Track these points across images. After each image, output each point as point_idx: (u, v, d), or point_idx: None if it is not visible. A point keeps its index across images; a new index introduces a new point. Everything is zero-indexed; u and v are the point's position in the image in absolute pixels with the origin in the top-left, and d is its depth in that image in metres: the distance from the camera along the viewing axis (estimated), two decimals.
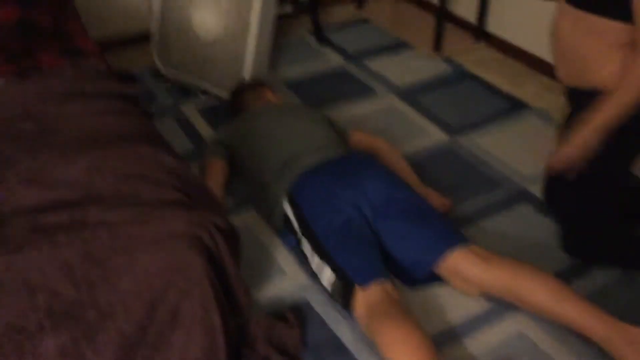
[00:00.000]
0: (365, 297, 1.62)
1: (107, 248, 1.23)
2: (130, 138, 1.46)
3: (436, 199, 2.09)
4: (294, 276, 1.87)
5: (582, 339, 1.64)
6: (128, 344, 1.30)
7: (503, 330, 1.70)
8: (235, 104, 2.43)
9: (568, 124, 1.83)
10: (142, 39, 3.00)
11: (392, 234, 1.81)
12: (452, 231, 1.80)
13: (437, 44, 3.02)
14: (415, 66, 2.94)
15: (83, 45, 1.97)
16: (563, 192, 1.86)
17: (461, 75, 2.86)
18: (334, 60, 3.01)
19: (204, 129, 2.52)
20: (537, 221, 2.07)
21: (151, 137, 1.52)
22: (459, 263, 1.73)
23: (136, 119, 1.59)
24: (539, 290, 1.63)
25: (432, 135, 2.48)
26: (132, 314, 1.28)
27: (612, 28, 1.64)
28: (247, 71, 2.57)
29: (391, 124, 2.54)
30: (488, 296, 1.76)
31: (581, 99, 1.78)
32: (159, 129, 2.45)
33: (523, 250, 1.95)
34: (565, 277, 1.86)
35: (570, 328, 1.60)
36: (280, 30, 3.23)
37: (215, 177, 2.13)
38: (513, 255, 1.89)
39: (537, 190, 2.17)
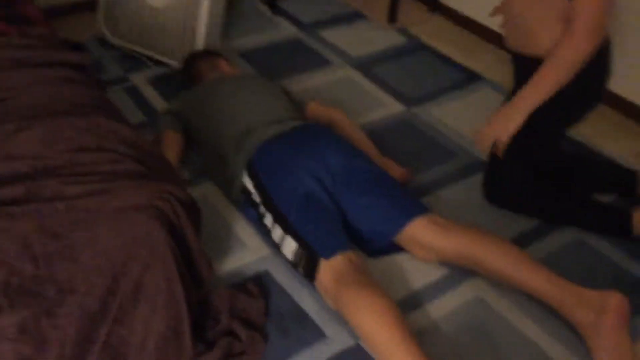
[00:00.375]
0: (330, 268, 1.62)
1: (66, 222, 1.19)
2: (84, 108, 1.41)
3: (395, 169, 2.10)
4: (255, 248, 1.86)
5: (538, 302, 1.69)
6: (90, 318, 1.27)
7: (462, 296, 1.74)
8: (188, 75, 2.37)
9: (513, 93, 1.87)
10: (88, 6, 2.88)
11: (353, 204, 1.81)
12: (412, 201, 1.81)
13: (392, 14, 3.01)
14: (370, 37, 2.93)
15: (29, 13, 1.87)
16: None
17: (416, 47, 2.87)
18: (288, 30, 2.97)
19: (156, 100, 2.45)
20: None
21: (105, 107, 1.46)
22: (419, 232, 1.75)
23: (89, 88, 1.53)
24: (495, 256, 1.67)
25: (388, 106, 2.49)
26: (94, 289, 1.24)
27: (557, 1, 1.68)
28: (200, 40, 2.50)
29: (347, 95, 2.53)
30: (448, 263, 1.79)
31: (526, 67, 1.82)
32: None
33: (480, 218, 1.99)
34: (521, 242, 1.91)
35: (526, 292, 1.65)
36: None
37: (170, 149, 2.08)
38: (471, 223, 1.94)
39: None
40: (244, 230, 1.91)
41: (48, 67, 1.58)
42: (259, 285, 1.72)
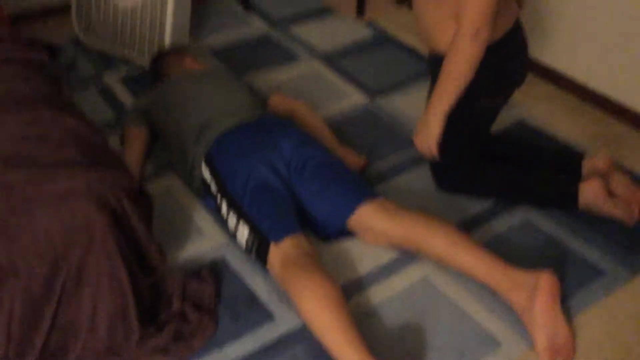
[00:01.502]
0: (278, 251, 1.69)
1: (6, 208, 1.26)
2: (31, 102, 1.48)
3: (352, 158, 2.16)
4: (212, 236, 1.93)
5: (481, 284, 1.75)
6: (34, 300, 1.34)
7: (408, 278, 1.80)
8: (155, 72, 2.44)
9: (429, 91, 1.94)
10: (65, 9, 2.96)
11: (306, 191, 1.88)
12: (362, 187, 1.87)
13: (360, 8, 3.07)
14: (338, 31, 2.99)
15: None
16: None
17: (383, 39, 2.93)
18: (258, 26, 3.03)
19: (126, 98, 2.52)
20: None
21: (53, 101, 1.53)
22: (367, 216, 1.81)
23: (40, 84, 1.60)
24: (437, 239, 1.72)
25: (352, 98, 2.55)
26: (36, 271, 1.31)
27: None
28: (167, 39, 2.58)
29: (312, 89, 2.60)
30: (396, 247, 1.85)
31: (433, 64, 1.90)
32: (80, 99, 2.48)
33: (432, 204, 2.05)
34: (471, 225, 1.97)
35: (465, 274, 1.71)
36: None
37: (135, 144, 2.16)
38: (422, 208, 2.00)
39: None
40: (203, 219, 1.98)
41: (6, 65, 1.66)
42: (213, 271, 1.79)
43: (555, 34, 2.58)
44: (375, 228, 1.81)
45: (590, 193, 1.91)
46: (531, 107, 2.51)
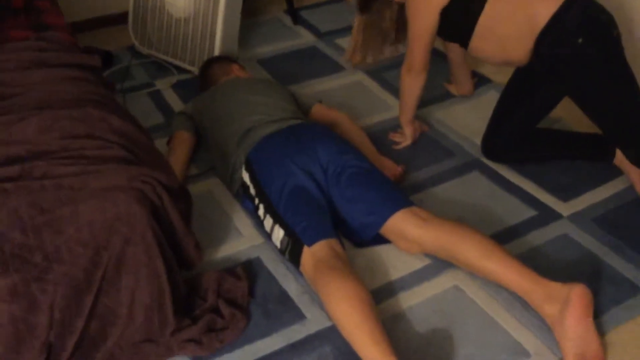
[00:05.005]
0: (311, 254, 1.73)
1: (52, 198, 1.35)
2: (82, 102, 1.58)
3: (389, 167, 2.19)
4: (250, 237, 1.99)
5: (512, 294, 1.74)
6: (76, 287, 1.42)
7: (440, 284, 1.81)
8: (203, 79, 2.54)
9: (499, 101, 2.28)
10: (122, 18, 3.11)
11: (342, 197, 1.92)
12: (397, 195, 1.90)
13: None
14: None
15: (51, 21, 2.08)
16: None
17: None
18: (306, 38, 3.11)
19: (176, 104, 2.63)
20: (484, 188, 2.17)
21: (103, 102, 1.63)
22: (401, 224, 1.83)
23: (92, 86, 1.71)
24: (470, 248, 1.73)
25: (394, 109, 2.58)
26: (78, 259, 1.40)
27: None
28: (217, 48, 2.67)
29: (355, 99, 2.64)
30: (430, 255, 1.87)
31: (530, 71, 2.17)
32: (133, 103, 2.60)
33: (468, 215, 2.05)
34: (505, 237, 1.96)
35: (497, 283, 1.71)
36: (256, 9, 3.33)
37: (180, 147, 2.25)
38: (459, 219, 2.01)
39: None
40: (241, 220, 2.05)
41: (59, 68, 1.77)
42: (247, 269, 1.84)
43: None
44: (409, 236, 1.83)
45: (620, 156, 2.12)
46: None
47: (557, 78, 2.02)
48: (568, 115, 2.49)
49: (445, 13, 2.05)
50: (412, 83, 2.23)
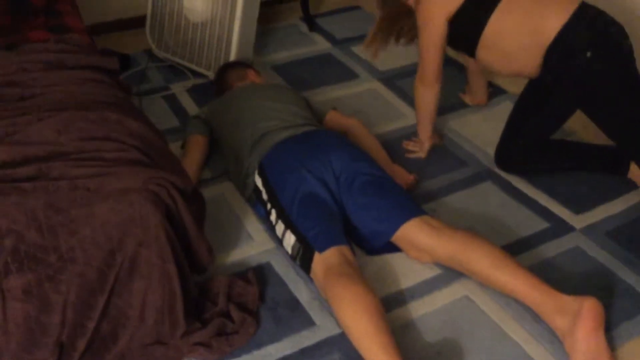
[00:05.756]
0: (322, 261, 1.74)
1: (68, 199, 1.37)
2: (99, 104, 1.60)
3: (402, 175, 2.20)
4: (261, 242, 1.99)
5: (523, 305, 1.73)
6: (89, 287, 1.44)
7: (450, 294, 1.81)
8: (219, 83, 2.55)
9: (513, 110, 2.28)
10: (140, 22, 3.14)
11: (354, 205, 1.92)
12: (409, 204, 1.90)
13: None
14: (398, 52, 3.03)
15: (71, 24, 2.11)
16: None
17: None
18: (321, 45, 3.12)
19: (191, 108, 2.65)
20: (497, 198, 2.17)
21: (120, 105, 1.65)
22: (412, 233, 1.83)
23: (109, 88, 1.72)
24: (481, 259, 1.73)
25: (408, 117, 2.59)
26: (92, 260, 1.41)
27: None
28: (233, 53, 2.69)
29: (370, 106, 2.65)
30: (441, 265, 1.86)
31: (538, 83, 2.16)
32: (148, 106, 2.62)
33: (480, 225, 2.05)
34: (518, 248, 1.96)
35: (508, 294, 1.70)
36: (272, 16, 3.35)
37: (194, 151, 2.26)
38: (471, 229, 2.00)
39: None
40: (253, 225, 2.06)
41: (77, 69, 1.79)
42: (258, 274, 1.85)
43: None
44: (420, 245, 1.83)
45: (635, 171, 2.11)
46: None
47: (568, 91, 2.02)
48: (582, 128, 2.48)
49: (453, 22, 2.07)
50: (426, 94, 2.23)
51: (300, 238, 1.81)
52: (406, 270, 1.88)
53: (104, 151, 1.47)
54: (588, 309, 1.55)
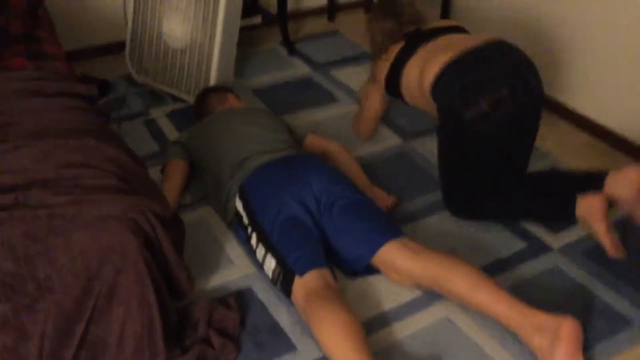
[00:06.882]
0: (303, 284, 1.74)
1: (46, 228, 1.36)
2: (78, 131, 1.60)
3: (382, 197, 2.21)
4: (241, 267, 1.99)
5: (503, 326, 1.74)
6: (67, 316, 1.42)
7: (431, 316, 1.81)
8: (199, 108, 2.56)
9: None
10: (119, 48, 3.15)
11: (334, 229, 1.93)
12: (387, 227, 1.91)
13: None
14: None
15: (49, 50, 2.11)
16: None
17: None
18: (301, 69, 3.15)
19: (171, 133, 2.65)
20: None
21: (98, 131, 1.64)
22: (390, 256, 1.84)
23: (88, 115, 1.72)
24: (459, 281, 1.74)
25: (387, 140, 2.61)
26: (70, 288, 1.40)
27: None
28: (213, 77, 2.71)
29: (349, 130, 2.67)
30: (421, 286, 1.87)
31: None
32: (128, 131, 2.62)
33: (460, 246, 2.06)
34: (497, 268, 1.97)
35: (487, 315, 1.71)
36: (252, 40, 3.38)
37: (174, 175, 2.26)
38: (451, 250, 2.02)
39: None
40: (234, 250, 2.05)
41: (56, 97, 1.79)
42: (238, 299, 1.84)
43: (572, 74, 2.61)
44: (398, 268, 1.84)
45: (585, 206, 1.92)
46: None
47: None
48: (558, 149, 2.53)
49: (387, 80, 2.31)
50: (359, 135, 2.58)
51: (280, 262, 1.81)
52: (387, 293, 1.89)
53: (82, 178, 1.47)
54: (566, 330, 1.57)
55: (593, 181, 2.02)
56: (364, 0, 3.80)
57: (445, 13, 3.25)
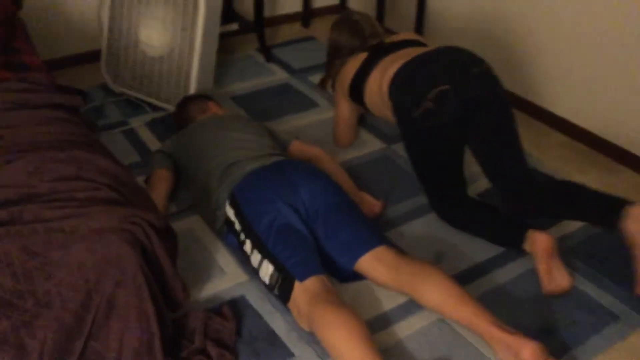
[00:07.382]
0: (304, 290, 1.73)
1: (43, 242, 1.33)
2: (68, 144, 1.57)
3: (368, 202, 2.23)
4: (233, 275, 1.98)
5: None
6: (66, 331, 1.40)
7: (426, 318, 1.83)
8: (180, 117, 2.54)
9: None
10: (95, 56, 3.10)
11: (322, 234, 1.93)
12: (368, 235, 1.91)
13: None
14: None
15: (29, 61, 2.07)
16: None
17: None
18: (279, 75, 3.15)
19: (151, 142, 2.62)
20: None
21: (88, 143, 1.63)
22: (366, 267, 1.86)
23: (75, 127, 1.70)
24: (433, 292, 1.75)
25: (370, 144, 2.63)
26: (69, 303, 1.37)
27: None
28: (192, 86, 2.69)
29: (330, 135, 2.68)
30: None
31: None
32: (107, 142, 2.58)
33: (442, 249, 2.09)
34: (476, 272, 2.01)
35: (462, 325, 1.72)
36: (228, 47, 3.37)
37: (159, 185, 2.24)
38: (433, 253, 2.05)
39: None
40: (224, 258, 2.04)
41: (40, 108, 1.76)
42: (233, 308, 1.84)
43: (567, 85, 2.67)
44: (375, 280, 1.86)
45: (531, 242, 1.93)
46: (543, 157, 2.58)
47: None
48: (537, 151, 2.59)
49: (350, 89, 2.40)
50: (339, 143, 2.61)
51: (279, 267, 1.81)
52: (380, 296, 1.91)
53: (76, 191, 1.45)
54: (527, 353, 1.56)
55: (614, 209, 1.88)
56: (337, 5, 3.83)
57: (419, 24, 3.29)
